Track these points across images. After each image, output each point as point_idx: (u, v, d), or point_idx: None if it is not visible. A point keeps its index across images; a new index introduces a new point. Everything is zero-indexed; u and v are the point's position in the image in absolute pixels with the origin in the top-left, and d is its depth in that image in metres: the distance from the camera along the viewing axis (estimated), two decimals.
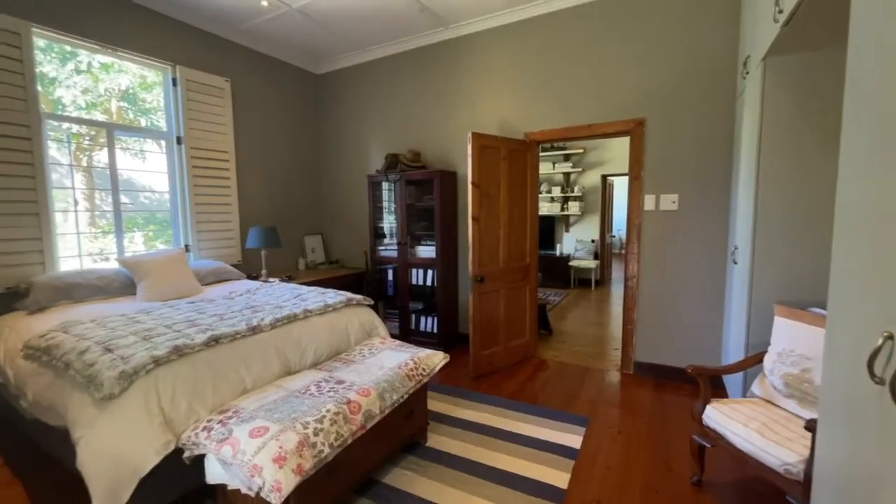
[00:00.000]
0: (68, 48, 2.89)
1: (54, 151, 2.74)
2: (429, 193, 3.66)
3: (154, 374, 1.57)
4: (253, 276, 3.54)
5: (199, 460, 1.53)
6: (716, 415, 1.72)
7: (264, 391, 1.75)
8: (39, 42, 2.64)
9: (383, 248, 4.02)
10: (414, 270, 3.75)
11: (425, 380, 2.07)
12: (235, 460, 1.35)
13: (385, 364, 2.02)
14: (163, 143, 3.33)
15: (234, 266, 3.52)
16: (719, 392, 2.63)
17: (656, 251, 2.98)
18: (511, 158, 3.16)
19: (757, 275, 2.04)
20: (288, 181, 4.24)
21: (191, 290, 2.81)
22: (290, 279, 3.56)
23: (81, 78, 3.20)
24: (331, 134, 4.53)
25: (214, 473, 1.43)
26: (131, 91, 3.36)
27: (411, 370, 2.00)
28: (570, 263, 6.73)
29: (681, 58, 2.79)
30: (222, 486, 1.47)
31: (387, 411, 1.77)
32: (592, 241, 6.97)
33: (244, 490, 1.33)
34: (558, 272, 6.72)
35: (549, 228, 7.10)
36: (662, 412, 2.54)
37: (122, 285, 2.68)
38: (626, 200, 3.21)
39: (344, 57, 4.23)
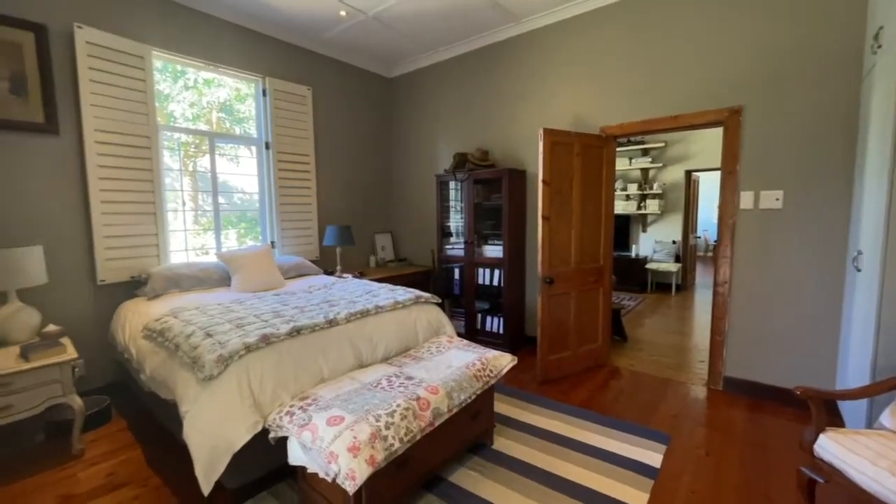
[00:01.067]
0: (179, 67, 3.29)
1: (167, 158, 3.13)
2: (497, 192, 3.61)
3: (246, 360, 1.73)
4: (329, 272, 3.76)
5: (282, 442, 1.65)
6: (833, 446, 1.48)
7: (339, 381, 1.84)
8: (157, 63, 3.03)
9: (450, 246, 4.05)
10: (480, 270, 3.73)
11: (492, 381, 2.04)
12: (314, 446, 1.43)
13: (453, 363, 2.03)
14: (253, 148, 3.66)
15: (313, 262, 3.76)
16: (833, 420, 2.28)
17: (754, 254, 2.65)
18: (585, 154, 3.01)
19: (889, 285, 1.72)
20: (361, 182, 4.44)
21: (276, 283, 3.05)
22: (361, 275, 3.73)
23: (189, 93, 3.63)
24: (401, 135, 4.66)
25: (296, 456, 1.53)
26: (228, 103, 3.74)
27: (479, 371, 1.98)
28: (648, 266, 6.27)
29: (788, 34, 2.45)
30: (302, 469, 1.57)
31: (454, 410, 1.77)
32: (673, 242, 6.42)
33: (322, 475, 1.40)
34: (634, 275, 6.30)
35: (624, 228, 6.69)
36: (759, 436, 2.26)
37: (219, 277, 2.99)
38: (713, 198, 2.90)
39: (414, 59, 4.33)
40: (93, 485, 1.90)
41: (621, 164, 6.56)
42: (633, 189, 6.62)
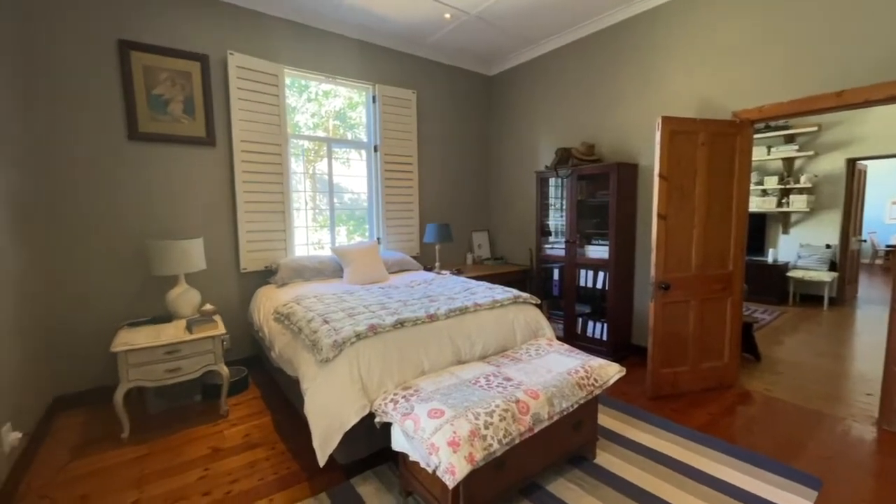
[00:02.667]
0: (303, 81, 3.69)
1: (292, 164, 3.54)
2: (603, 189, 3.37)
3: (356, 347, 1.86)
4: (428, 268, 3.90)
5: (386, 427, 1.74)
6: None
7: (439, 375, 1.88)
8: (287, 80, 3.43)
9: (549, 246, 3.90)
10: (582, 271, 3.52)
11: (597, 391, 1.90)
12: (416, 435, 1.48)
13: (553, 368, 1.94)
14: (363, 151, 3.95)
15: (413, 258, 3.94)
16: None
17: None
18: (713, 144, 2.63)
19: None
20: (460, 180, 4.51)
21: (381, 277, 3.26)
22: (459, 272, 3.79)
23: (310, 105, 4.06)
24: (500, 133, 4.62)
25: (399, 442, 1.60)
26: (342, 111, 4.11)
27: (582, 378, 1.86)
28: (790, 274, 5.29)
29: None
30: (404, 455, 1.64)
31: (555, 418, 1.69)
32: (828, 246, 5.32)
33: (422, 464, 1.44)
34: (770, 284, 5.37)
35: (758, 229, 5.73)
36: None
37: (333, 270, 3.29)
38: (888, 193, 2.29)
39: (515, 55, 4.25)
40: (234, 442, 2.23)
41: (757, 154, 5.61)
42: (771, 183, 5.63)
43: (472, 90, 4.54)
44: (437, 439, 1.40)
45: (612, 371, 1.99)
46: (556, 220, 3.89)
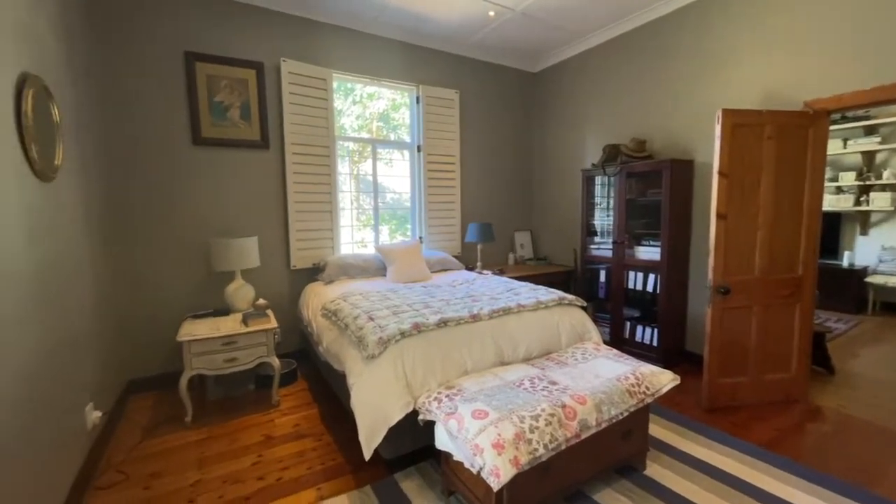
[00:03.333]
0: (349, 85, 3.80)
1: (339, 165, 3.65)
2: (654, 187, 3.20)
3: (400, 344, 1.89)
4: (469, 268, 3.89)
5: (429, 425, 1.75)
6: None
7: (482, 376, 1.87)
8: (334, 83, 3.55)
9: (595, 246, 3.77)
10: (631, 273, 3.37)
11: (649, 400, 1.81)
12: (460, 435, 1.48)
13: (601, 373, 1.87)
14: (405, 152, 4.00)
15: (455, 257, 3.94)
16: None
17: None
18: (781, 137, 2.43)
19: None
20: (502, 179, 4.47)
21: (423, 276, 3.29)
22: (501, 273, 3.75)
23: (356, 107, 4.18)
24: (544, 130, 4.52)
25: (442, 441, 1.61)
26: (385, 112, 4.19)
27: (633, 386, 1.78)
28: (869, 279, 4.79)
29: None
30: (447, 454, 1.64)
31: (603, 425, 1.62)
32: None
33: (466, 464, 1.44)
34: (845, 290, 4.88)
35: (831, 230, 5.22)
36: None
37: (377, 268, 3.36)
38: None
39: (561, 50, 4.14)
40: (285, 431, 2.34)
41: (831, 148, 5.11)
42: (847, 179, 5.12)
43: (516, 88, 4.48)
44: (481, 440, 1.39)
45: (665, 379, 1.89)
46: (603, 219, 3.76)
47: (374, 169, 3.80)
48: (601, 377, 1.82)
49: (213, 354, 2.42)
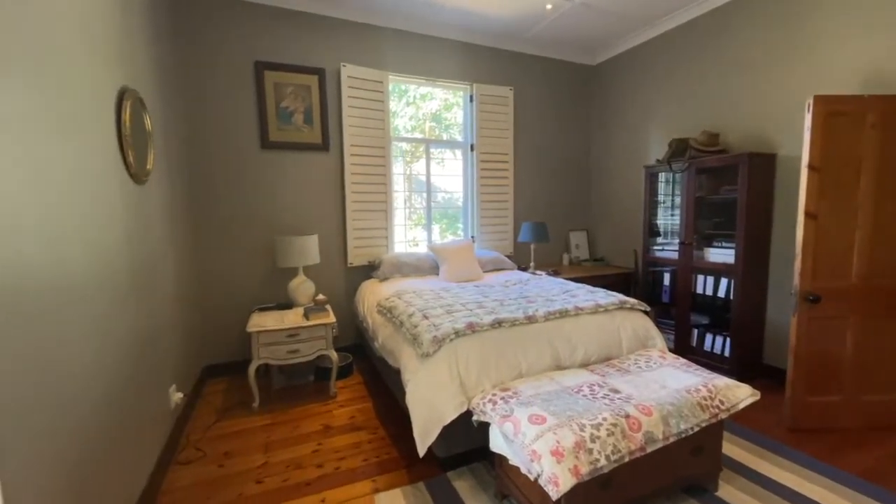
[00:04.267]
0: (403, 86, 3.86)
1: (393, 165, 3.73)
2: (729, 183, 2.94)
3: (455, 344, 1.89)
4: (522, 268, 3.81)
5: (483, 426, 1.73)
6: None
7: (538, 380, 1.82)
8: (390, 86, 3.62)
9: (658, 248, 3.54)
10: (699, 277, 3.12)
11: (723, 415, 1.66)
12: (516, 439, 1.44)
13: (668, 383, 1.74)
14: (458, 151, 4.00)
15: (507, 257, 3.88)
16: None
17: None
18: (886, 126, 2.13)
19: None
20: (557, 177, 4.34)
21: (475, 275, 3.27)
22: (555, 273, 3.64)
23: (409, 108, 4.25)
24: (603, 126, 4.33)
25: (497, 443, 1.58)
26: (438, 112, 4.21)
27: (705, 399, 1.64)
28: None
29: None
30: (502, 457, 1.62)
31: (671, 439, 1.51)
32: None
33: (523, 470, 1.40)
34: None
35: None
36: None
37: (430, 266, 3.40)
38: None
39: (622, 41, 3.93)
40: (342, 422, 2.43)
41: None
42: None
43: (573, 82, 4.32)
44: (538, 447, 1.35)
45: (742, 393, 1.73)
46: (667, 219, 3.52)
47: (427, 168, 3.84)
48: (668, 388, 1.70)
49: (278, 345, 2.57)
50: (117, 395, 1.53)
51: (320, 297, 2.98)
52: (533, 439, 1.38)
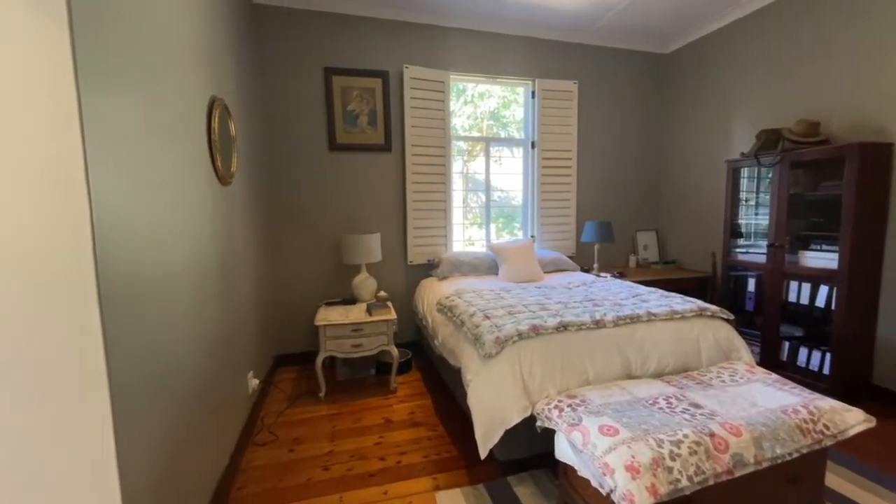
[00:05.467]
0: (461, 85, 3.85)
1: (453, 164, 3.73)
2: (831, 178, 2.60)
3: (518, 346, 1.84)
4: (585, 269, 3.65)
5: (547, 432, 1.67)
6: None
7: (607, 388, 1.72)
8: (450, 85, 3.63)
9: (742, 250, 3.22)
10: (793, 283, 2.79)
11: (829, 442, 1.46)
12: (585, 449, 1.37)
13: (759, 401, 1.57)
14: (516, 149, 3.92)
15: (569, 257, 3.74)
16: None
17: None
18: None
19: None
20: (624, 174, 4.10)
21: (536, 276, 3.19)
22: (621, 276, 3.44)
23: (467, 107, 4.23)
24: (676, 118, 4.02)
25: (563, 452, 1.52)
26: (496, 110, 4.16)
27: (805, 422, 1.46)
28: None
29: None
30: (568, 467, 1.55)
31: (764, 464, 1.36)
32: None
33: (594, 483, 1.33)
34: None
35: None
36: None
37: (488, 266, 3.36)
38: None
39: (700, 26, 3.62)
40: (402, 417, 2.48)
41: None
42: None
43: (642, 73, 4.06)
44: (611, 460, 1.27)
45: (853, 418, 1.51)
46: (752, 218, 3.20)
47: (486, 167, 3.80)
48: (760, 406, 1.53)
49: (343, 339, 2.67)
50: (207, 377, 1.67)
51: (382, 293, 3.06)
52: (605, 451, 1.31)
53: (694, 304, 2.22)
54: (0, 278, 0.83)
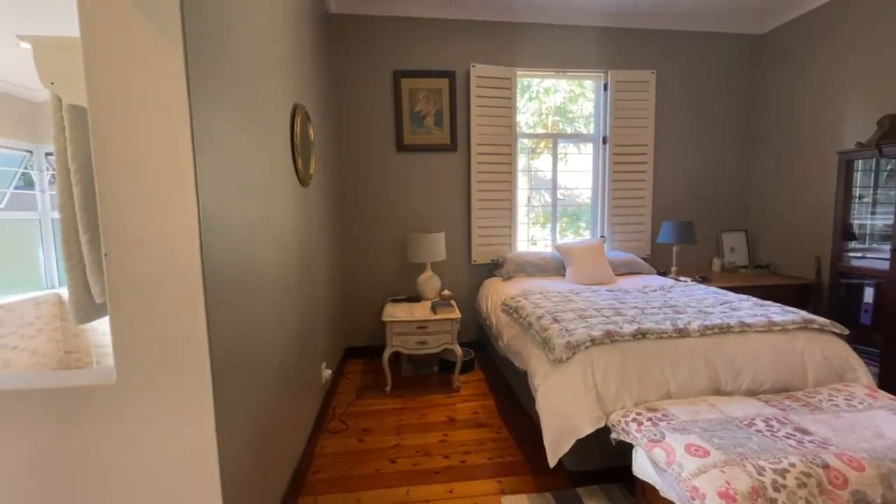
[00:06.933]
0: (525, 82, 3.74)
1: (518, 162, 3.65)
2: None
3: (590, 352, 1.75)
4: (661, 272, 3.40)
5: (621, 445, 1.57)
6: None
7: (694, 404, 1.57)
8: (517, 81, 3.55)
9: (856, 254, 2.80)
10: None
11: None
12: (669, 469, 1.27)
13: (886, 432, 1.34)
14: (584, 145, 3.74)
15: (643, 259, 3.50)
16: None
17: None
18: None
19: None
20: (709, 169, 3.75)
21: (607, 278, 3.02)
22: (704, 281, 3.15)
23: (531, 104, 4.12)
24: (776, 105, 3.59)
25: (644, 469, 1.42)
26: (562, 106, 3.99)
27: None
28: None
29: None
30: (647, 485, 1.44)
31: None
32: None
33: None
34: None
35: None
36: None
37: (554, 267, 3.25)
38: None
39: (800, 1, 3.20)
40: (465, 417, 2.48)
41: None
42: None
43: (732, 57, 3.68)
44: (701, 484, 1.16)
45: None
46: (868, 217, 2.78)
47: (553, 165, 3.68)
48: (887, 438, 1.31)
49: (408, 336, 2.73)
50: (289, 365, 1.79)
51: (446, 292, 3.08)
52: (693, 473, 1.19)
53: (796, 314, 1.96)
54: (135, 267, 0.98)
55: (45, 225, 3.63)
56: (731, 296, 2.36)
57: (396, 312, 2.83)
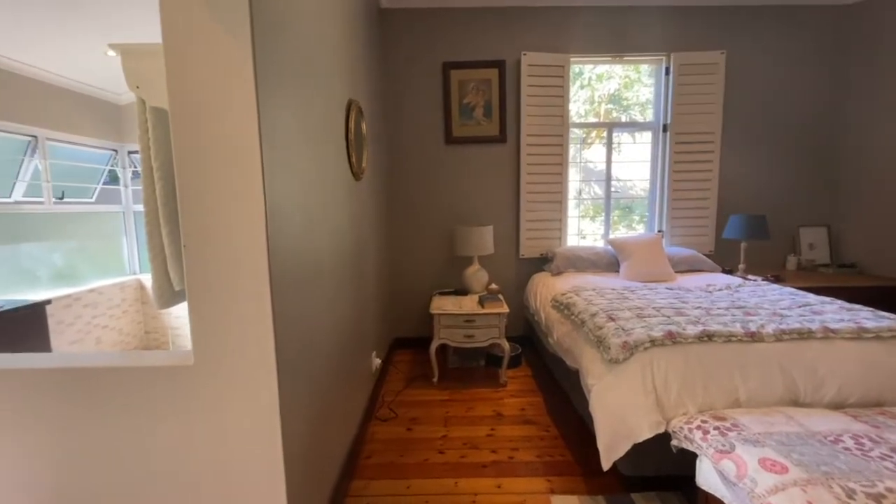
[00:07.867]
0: (577, 69, 3.57)
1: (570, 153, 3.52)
2: None
3: (650, 353, 1.66)
4: (727, 270, 3.16)
5: (683, 452, 1.48)
6: None
7: (768, 415, 1.45)
8: (570, 68, 3.41)
9: None
10: None
11: None
12: (740, 483, 1.18)
13: None
14: (639, 134, 3.53)
15: (706, 255, 3.27)
16: None
17: None
18: None
19: None
20: (784, 159, 3.41)
21: (665, 275, 2.85)
22: (776, 280, 2.89)
23: (583, 91, 3.94)
24: (868, 86, 3.19)
25: (708, 481, 1.33)
26: (616, 93, 3.78)
27: None
28: None
29: None
30: (713, 498, 1.35)
31: None
32: None
33: None
34: None
35: None
36: None
37: (607, 262, 3.12)
38: None
39: None
40: (513, 412, 2.45)
41: None
42: None
43: (813, 33, 3.30)
44: (779, 502, 1.06)
45: None
46: None
47: (608, 155, 3.51)
48: None
49: (456, 329, 2.74)
50: (342, 352, 1.85)
51: (493, 286, 3.05)
52: (769, 490, 1.10)
53: (893, 320, 1.74)
54: (210, 257, 1.06)
55: (128, 217, 4.01)
56: (812, 297, 2.14)
57: (444, 305, 2.85)
